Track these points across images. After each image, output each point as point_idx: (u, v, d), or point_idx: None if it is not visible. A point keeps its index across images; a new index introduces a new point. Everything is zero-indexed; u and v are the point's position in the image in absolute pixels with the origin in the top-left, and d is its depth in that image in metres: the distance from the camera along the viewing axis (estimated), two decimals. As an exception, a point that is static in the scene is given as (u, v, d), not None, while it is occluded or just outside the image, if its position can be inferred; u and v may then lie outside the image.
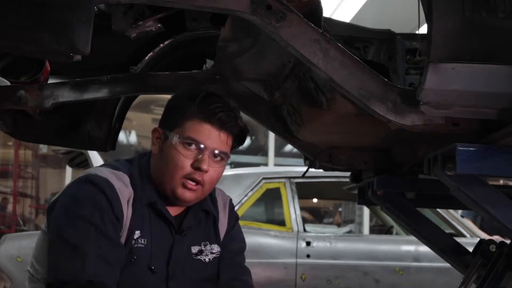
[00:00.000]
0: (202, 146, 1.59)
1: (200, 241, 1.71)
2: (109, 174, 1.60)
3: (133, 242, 1.58)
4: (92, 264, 1.48)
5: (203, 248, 1.70)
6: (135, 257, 1.57)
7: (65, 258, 1.51)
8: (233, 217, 1.82)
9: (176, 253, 1.64)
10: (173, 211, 1.68)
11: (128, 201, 1.59)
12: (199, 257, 1.70)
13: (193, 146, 1.59)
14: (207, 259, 1.70)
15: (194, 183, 1.60)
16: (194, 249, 1.69)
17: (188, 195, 1.61)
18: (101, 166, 1.67)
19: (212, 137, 1.60)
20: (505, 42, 1.56)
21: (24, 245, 4.37)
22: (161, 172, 1.62)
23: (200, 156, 1.59)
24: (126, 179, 1.61)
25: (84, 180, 1.58)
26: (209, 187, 1.65)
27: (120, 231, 1.56)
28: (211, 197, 1.76)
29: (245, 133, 1.68)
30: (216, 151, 1.61)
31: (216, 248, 1.73)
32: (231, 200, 1.85)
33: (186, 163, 1.59)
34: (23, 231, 9.12)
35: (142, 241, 1.59)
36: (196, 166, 1.58)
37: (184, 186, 1.59)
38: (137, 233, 1.59)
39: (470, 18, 1.55)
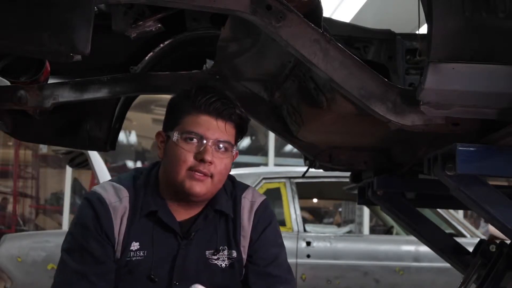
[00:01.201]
0: (202, 137, 1.58)
1: (217, 244, 1.65)
2: (108, 189, 1.62)
3: (131, 254, 1.59)
4: (72, 282, 1.56)
5: (219, 252, 1.65)
6: (132, 269, 1.59)
7: (57, 272, 1.61)
8: (263, 221, 1.71)
9: (181, 258, 1.61)
10: (185, 214, 1.65)
11: (122, 216, 1.60)
12: (215, 261, 1.65)
13: (194, 140, 1.58)
14: (223, 265, 1.65)
15: (200, 174, 1.57)
16: (209, 253, 1.65)
17: (197, 188, 1.58)
18: (110, 180, 1.69)
19: (211, 127, 1.59)
20: (505, 42, 1.56)
21: (24, 245, 4.38)
22: (168, 171, 1.62)
23: (202, 147, 1.57)
24: (124, 193, 1.62)
25: (84, 197, 1.64)
26: (219, 179, 1.61)
27: (110, 247, 1.58)
28: (235, 199, 1.71)
29: (244, 120, 1.66)
30: (219, 141, 1.59)
31: (234, 254, 1.67)
32: (263, 202, 1.74)
33: (189, 156, 1.57)
34: (23, 231, 9.11)
35: (141, 253, 1.59)
36: (200, 158, 1.56)
37: (192, 178, 1.57)
38: (136, 245, 1.60)
39: (470, 18, 1.55)
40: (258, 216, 1.71)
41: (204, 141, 1.58)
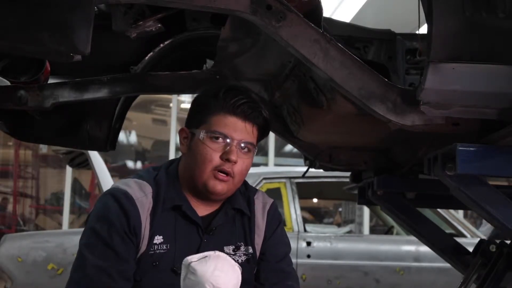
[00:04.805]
0: (229, 138, 1.62)
1: (234, 241, 1.71)
2: (132, 185, 1.63)
3: (155, 247, 1.61)
4: (92, 277, 1.54)
5: (237, 249, 1.70)
6: (157, 262, 1.60)
7: (75, 267, 1.59)
8: (274, 221, 1.80)
9: (203, 252, 1.64)
10: (205, 210, 1.69)
11: (148, 210, 1.62)
12: (232, 257, 1.69)
13: (220, 139, 1.62)
14: (240, 260, 1.69)
15: (224, 175, 1.62)
16: (228, 249, 1.69)
17: (219, 187, 1.63)
18: (130, 177, 1.71)
19: (238, 129, 1.63)
20: (505, 42, 1.56)
21: (24, 245, 4.38)
22: (191, 168, 1.65)
23: (228, 148, 1.62)
24: (148, 188, 1.64)
25: (106, 193, 1.64)
26: (239, 179, 1.67)
27: (132, 245, 1.59)
28: (248, 199, 1.78)
29: (269, 123, 1.71)
30: (243, 142, 1.64)
31: (250, 250, 1.73)
32: (273, 203, 1.83)
33: (215, 156, 1.62)
34: (23, 231, 9.12)
35: (164, 246, 1.62)
36: (225, 158, 1.61)
37: (215, 178, 1.62)
38: (159, 239, 1.62)
39: (470, 18, 1.55)
40: (270, 216, 1.80)
41: (230, 141, 1.62)
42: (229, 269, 1.52)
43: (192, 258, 1.52)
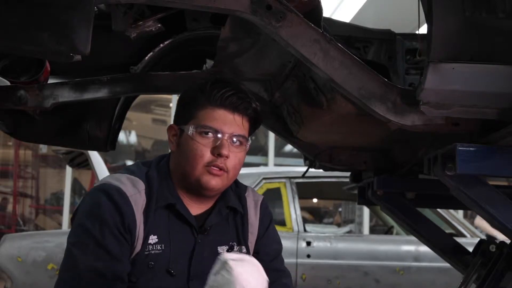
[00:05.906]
0: (219, 131, 1.57)
1: (228, 241, 1.67)
2: (124, 181, 1.57)
3: (150, 247, 1.56)
4: (84, 277, 1.48)
5: (230, 249, 1.66)
6: (152, 262, 1.55)
7: (65, 267, 1.53)
8: (266, 218, 1.76)
9: (198, 253, 1.60)
10: (198, 209, 1.64)
11: (142, 208, 1.56)
12: None
13: (210, 134, 1.57)
14: None
15: (218, 169, 1.57)
16: (222, 249, 1.65)
17: (213, 182, 1.57)
18: (120, 171, 1.65)
19: (228, 122, 1.58)
20: (505, 42, 1.56)
21: (24, 245, 4.38)
22: (182, 166, 1.60)
23: (219, 142, 1.56)
24: (141, 185, 1.58)
25: (98, 189, 1.57)
26: (233, 173, 1.61)
27: (126, 244, 1.53)
28: (240, 196, 1.73)
29: (259, 114, 1.65)
30: (234, 136, 1.58)
31: (243, 249, 1.69)
32: (263, 200, 1.79)
33: (206, 151, 1.56)
34: (23, 231, 9.12)
35: (159, 246, 1.57)
36: (217, 153, 1.55)
37: (209, 173, 1.56)
38: (154, 239, 1.57)
39: (470, 18, 1.55)
40: (262, 214, 1.75)
41: (220, 136, 1.57)
42: (259, 277, 1.48)
43: (230, 256, 1.46)
